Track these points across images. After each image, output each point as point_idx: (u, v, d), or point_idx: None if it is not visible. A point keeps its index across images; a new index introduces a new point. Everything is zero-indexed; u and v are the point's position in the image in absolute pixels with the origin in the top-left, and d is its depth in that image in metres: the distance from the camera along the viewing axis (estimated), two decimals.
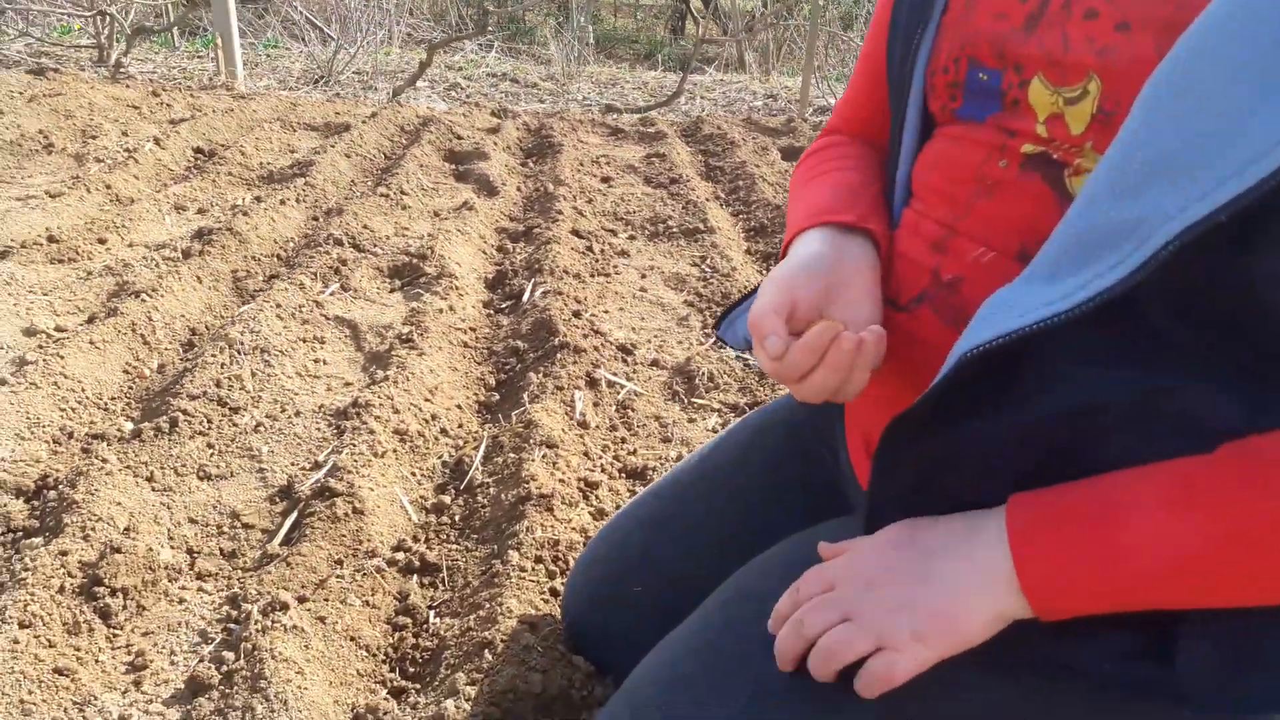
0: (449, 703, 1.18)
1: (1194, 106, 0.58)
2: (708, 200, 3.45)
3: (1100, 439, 0.66)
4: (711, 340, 2.36)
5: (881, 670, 0.72)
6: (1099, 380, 0.65)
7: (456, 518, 1.66)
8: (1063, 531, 0.66)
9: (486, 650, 1.27)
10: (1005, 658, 0.71)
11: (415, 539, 1.59)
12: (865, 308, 0.86)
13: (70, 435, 1.74)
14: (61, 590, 1.29)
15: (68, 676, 1.18)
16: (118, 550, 1.34)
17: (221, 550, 1.50)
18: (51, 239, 2.55)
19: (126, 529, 1.44)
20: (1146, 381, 0.63)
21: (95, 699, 1.17)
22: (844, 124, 1.13)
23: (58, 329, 2.12)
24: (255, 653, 1.22)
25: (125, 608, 1.31)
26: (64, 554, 1.33)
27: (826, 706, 0.79)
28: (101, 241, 2.63)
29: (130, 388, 1.95)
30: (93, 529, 1.40)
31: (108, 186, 3.03)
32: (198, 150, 3.62)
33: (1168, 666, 0.67)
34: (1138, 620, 0.67)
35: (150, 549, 1.39)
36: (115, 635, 1.28)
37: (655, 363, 2.24)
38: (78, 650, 1.22)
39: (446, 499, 1.70)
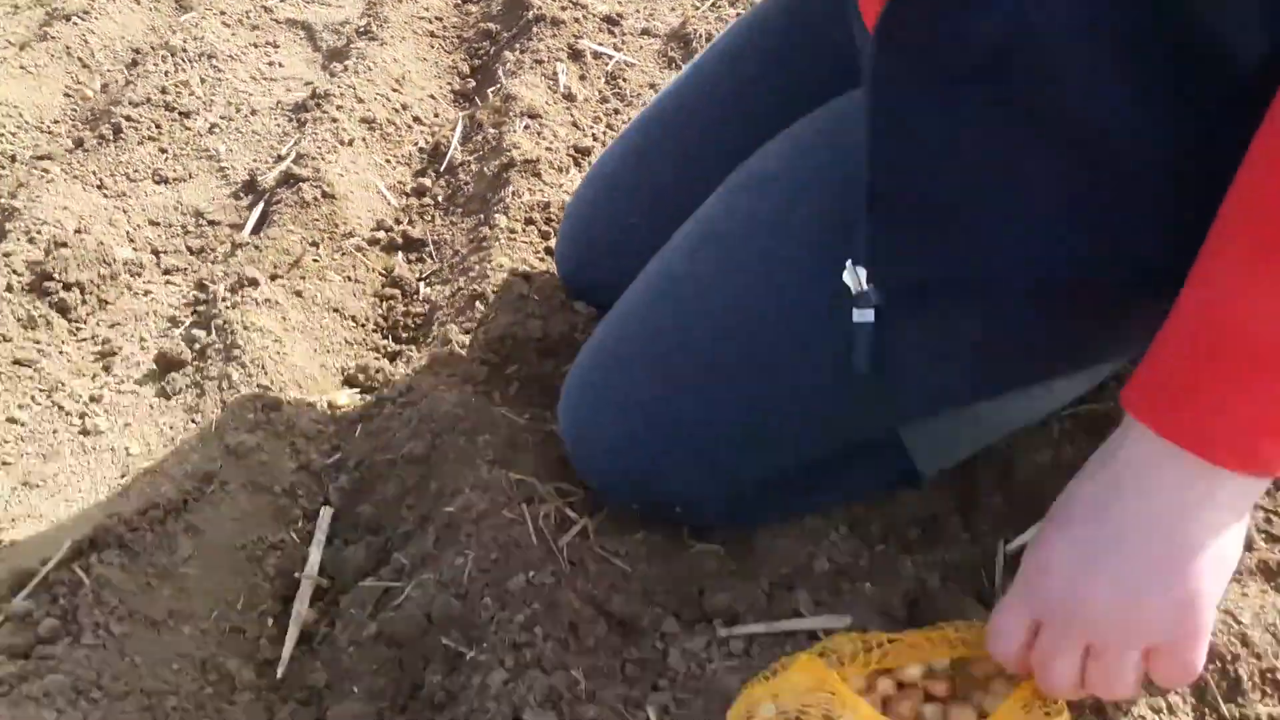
0: (443, 352, 1.09)
1: None
2: None
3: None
4: (709, 2, 2.11)
5: (1180, 674, 0.64)
6: None
7: (440, 198, 1.52)
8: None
9: (478, 302, 1.16)
10: None
11: (397, 221, 1.46)
12: None
13: (13, 159, 1.59)
14: (9, 289, 1.18)
15: (29, 367, 1.09)
16: (64, 245, 1.23)
17: (189, 248, 1.38)
18: None
19: (77, 230, 1.31)
20: None
21: (63, 385, 1.09)
22: None
23: None
24: (227, 326, 1.12)
25: (85, 302, 1.21)
26: (7, 255, 1.22)
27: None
28: None
29: (74, 110, 1.77)
30: (38, 232, 1.27)
31: None
32: None
33: None
34: None
35: (103, 243, 1.27)
36: (78, 329, 1.18)
37: (646, 31, 2.01)
38: (38, 343, 1.13)
39: (427, 182, 1.55)
